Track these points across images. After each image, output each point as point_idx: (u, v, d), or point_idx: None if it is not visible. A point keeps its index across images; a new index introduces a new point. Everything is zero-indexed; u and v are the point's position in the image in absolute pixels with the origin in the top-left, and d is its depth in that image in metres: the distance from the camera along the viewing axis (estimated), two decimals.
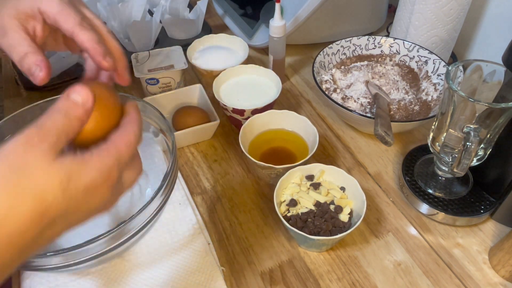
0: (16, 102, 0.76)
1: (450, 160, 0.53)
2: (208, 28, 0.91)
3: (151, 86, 0.73)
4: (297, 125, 0.64)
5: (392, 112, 0.65)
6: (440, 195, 0.58)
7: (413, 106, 0.66)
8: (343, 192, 0.55)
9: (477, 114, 0.47)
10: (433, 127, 0.55)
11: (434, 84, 0.69)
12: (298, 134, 0.64)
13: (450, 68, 0.49)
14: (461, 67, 0.50)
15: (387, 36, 0.77)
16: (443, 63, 0.69)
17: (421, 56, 0.72)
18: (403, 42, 0.74)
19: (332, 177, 0.57)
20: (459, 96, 0.47)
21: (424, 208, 0.58)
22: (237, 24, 0.89)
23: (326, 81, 0.71)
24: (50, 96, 0.54)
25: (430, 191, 0.58)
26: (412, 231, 0.57)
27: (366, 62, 0.75)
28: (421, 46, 0.72)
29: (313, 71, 0.69)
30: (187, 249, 0.54)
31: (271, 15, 0.71)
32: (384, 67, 0.72)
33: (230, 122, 0.72)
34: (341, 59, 0.75)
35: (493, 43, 0.77)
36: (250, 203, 0.60)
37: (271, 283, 0.52)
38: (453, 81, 0.50)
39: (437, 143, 0.54)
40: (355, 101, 0.66)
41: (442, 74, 0.69)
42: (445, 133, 0.52)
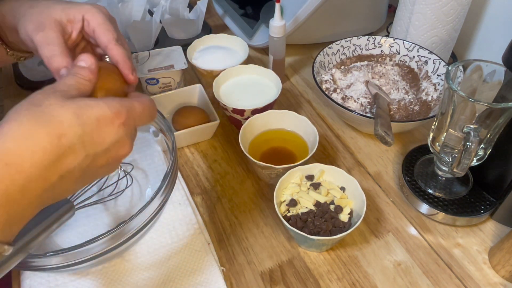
0: (16, 102, 0.75)
1: (450, 160, 0.53)
2: (208, 28, 0.91)
3: (151, 86, 0.73)
4: (297, 125, 0.64)
5: (392, 112, 0.65)
6: (440, 195, 0.58)
7: (413, 106, 0.66)
8: (343, 192, 0.55)
9: (477, 114, 0.47)
10: (433, 127, 0.55)
11: (434, 84, 0.69)
12: (298, 134, 0.64)
13: (450, 68, 0.49)
14: (461, 67, 0.50)
15: (387, 36, 0.77)
16: (443, 63, 0.69)
17: (421, 56, 0.72)
18: (403, 42, 0.74)
19: (332, 177, 0.57)
20: (459, 96, 0.47)
21: (424, 208, 0.58)
22: (237, 24, 0.89)
23: (326, 81, 0.71)
24: None
25: (430, 191, 0.58)
26: (412, 231, 0.57)
27: (366, 62, 0.75)
28: (421, 46, 0.72)
29: (313, 71, 0.69)
30: (187, 249, 0.54)
31: (271, 15, 0.71)
32: (384, 67, 0.72)
33: (230, 122, 0.72)
34: (341, 59, 0.76)
35: (493, 43, 0.77)
36: (250, 203, 0.60)
37: (271, 283, 0.52)
38: (453, 81, 0.50)
39: (437, 143, 0.54)
40: (355, 101, 0.66)
41: (442, 74, 0.69)
42: (445, 133, 0.52)
